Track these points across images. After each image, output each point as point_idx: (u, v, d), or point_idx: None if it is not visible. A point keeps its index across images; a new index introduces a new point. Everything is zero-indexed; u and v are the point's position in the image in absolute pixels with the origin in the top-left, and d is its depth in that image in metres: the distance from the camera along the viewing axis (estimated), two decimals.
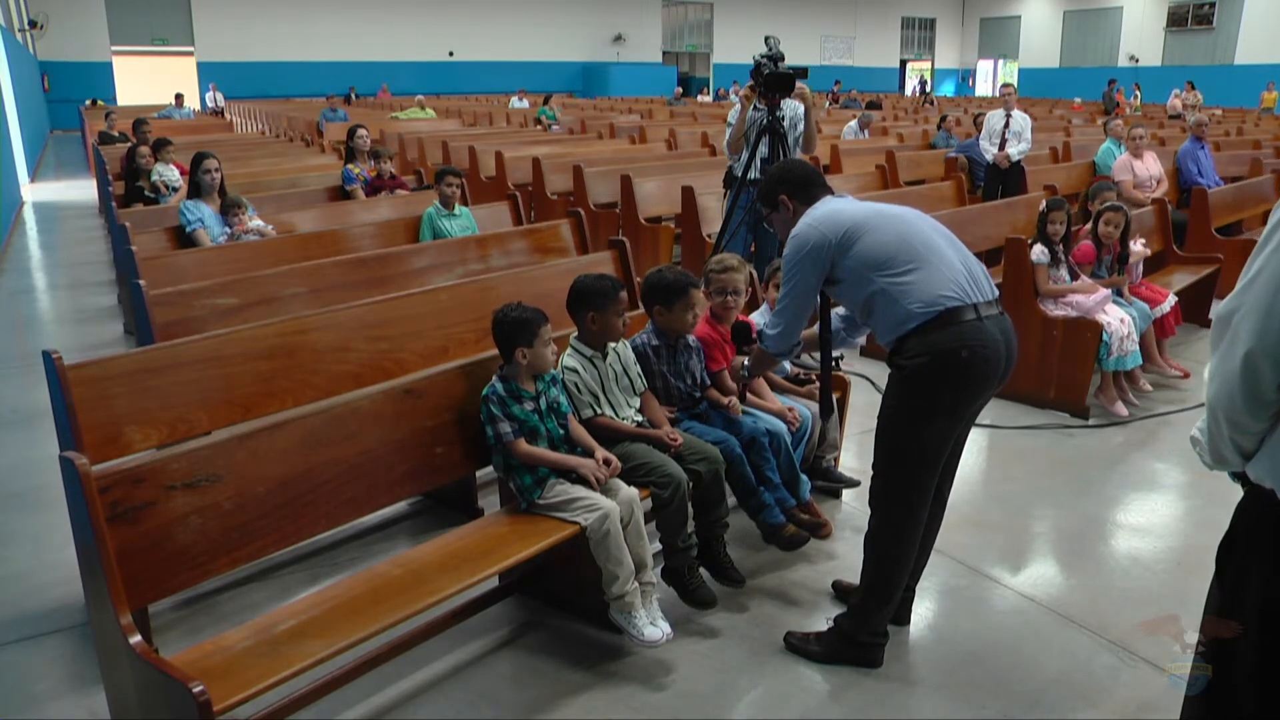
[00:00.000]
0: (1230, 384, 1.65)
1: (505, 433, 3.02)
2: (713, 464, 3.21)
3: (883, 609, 2.91)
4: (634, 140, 12.98)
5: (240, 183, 7.13)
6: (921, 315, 2.64)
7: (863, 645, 2.94)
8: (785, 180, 3.03)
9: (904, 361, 2.69)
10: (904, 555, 2.85)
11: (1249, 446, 1.71)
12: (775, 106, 5.48)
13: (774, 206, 3.04)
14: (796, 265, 2.82)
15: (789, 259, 2.84)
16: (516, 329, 3.01)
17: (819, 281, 2.83)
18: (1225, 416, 1.69)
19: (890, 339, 2.73)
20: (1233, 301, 1.66)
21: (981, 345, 2.64)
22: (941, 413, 2.70)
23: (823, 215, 2.83)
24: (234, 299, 4.26)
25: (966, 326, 2.63)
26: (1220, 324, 1.69)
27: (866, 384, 5.48)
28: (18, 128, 14.24)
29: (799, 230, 2.84)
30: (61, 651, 3.06)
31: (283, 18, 29.72)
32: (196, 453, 2.58)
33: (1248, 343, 1.61)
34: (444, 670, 2.95)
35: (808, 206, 2.93)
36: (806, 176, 3.02)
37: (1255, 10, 30.26)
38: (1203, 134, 9.00)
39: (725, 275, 3.63)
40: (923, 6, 41.20)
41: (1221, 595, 1.80)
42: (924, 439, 2.72)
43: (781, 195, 3.00)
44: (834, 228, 2.77)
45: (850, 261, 2.75)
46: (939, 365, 2.64)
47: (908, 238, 2.74)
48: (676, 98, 27.03)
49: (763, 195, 3.09)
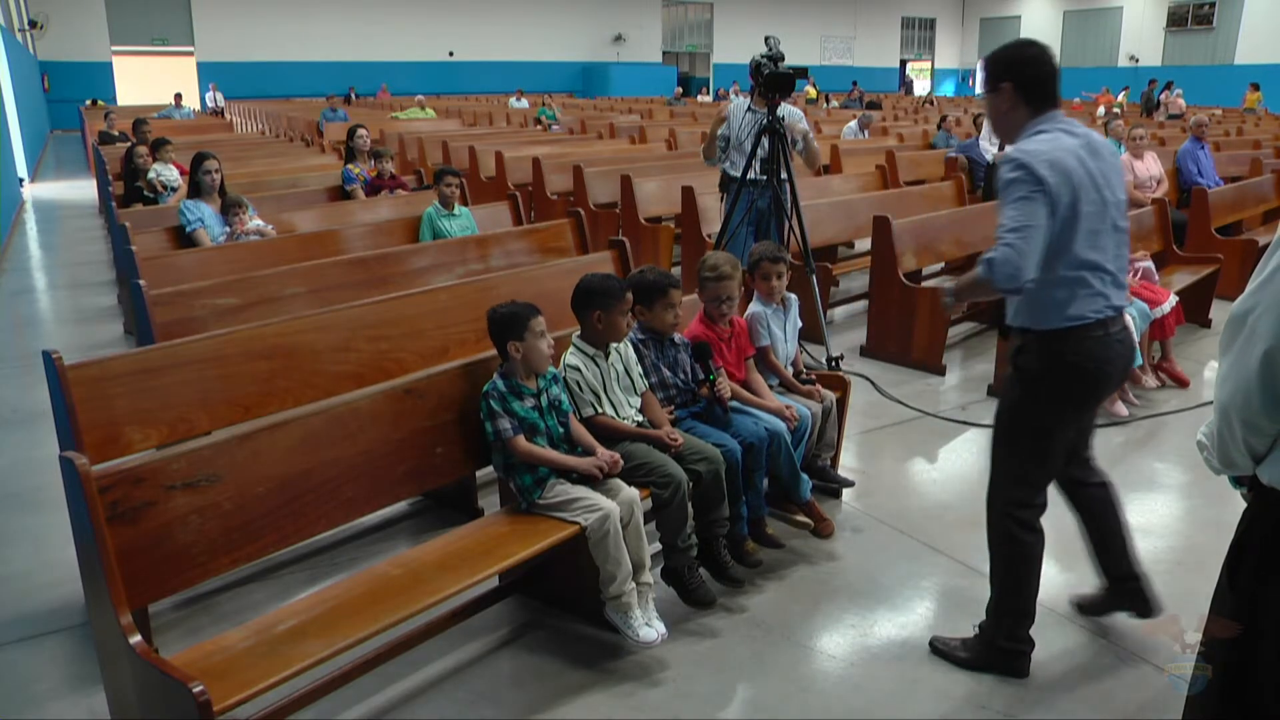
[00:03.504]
0: (1247, 384, 1.63)
1: (504, 429, 3.02)
2: (713, 464, 3.21)
3: (1021, 617, 2.85)
4: (634, 140, 12.99)
5: (240, 183, 7.14)
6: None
7: (1004, 651, 2.88)
8: (1019, 67, 2.65)
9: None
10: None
11: (1261, 449, 1.68)
12: (775, 106, 5.48)
13: (993, 87, 2.68)
14: (1028, 191, 2.48)
15: (1017, 179, 2.50)
16: (507, 324, 3.03)
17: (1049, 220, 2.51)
18: (1240, 418, 1.66)
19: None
20: (1248, 301, 1.64)
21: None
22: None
23: (1052, 149, 2.53)
24: (234, 299, 4.26)
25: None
26: (1234, 324, 1.66)
27: (866, 384, 5.48)
28: (18, 128, 14.23)
29: (1046, 152, 2.51)
30: (61, 651, 3.05)
31: (283, 18, 29.72)
32: (196, 453, 2.58)
33: (1267, 340, 1.59)
34: (444, 670, 2.95)
35: (1035, 115, 2.62)
36: (1043, 76, 2.64)
37: (1255, 10, 30.26)
38: (1202, 134, 8.99)
39: (720, 284, 3.61)
40: (923, 6, 41.19)
41: (1235, 599, 1.78)
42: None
43: (1007, 83, 2.64)
44: (1058, 175, 2.49)
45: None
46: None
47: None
48: (676, 98, 27.02)
49: (987, 67, 2.70)
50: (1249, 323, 1.62)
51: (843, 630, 3.18)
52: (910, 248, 6.03)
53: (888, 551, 3.68)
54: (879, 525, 3.88)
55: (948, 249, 6.52)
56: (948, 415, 5.11)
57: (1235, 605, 1.78)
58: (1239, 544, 1.80)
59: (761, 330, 3.85)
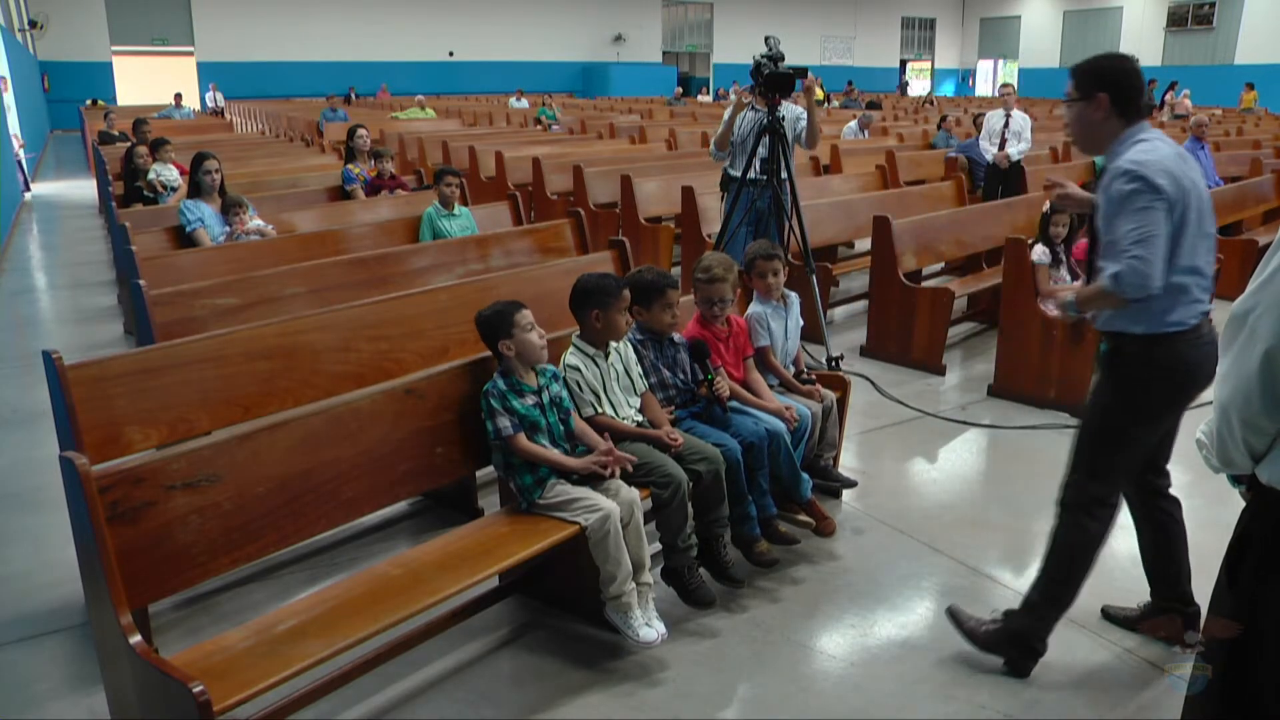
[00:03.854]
0: (1247, 383, 1.63)
1: (504, 427, 3.02)
2: (713, 464, 3.20)
3: (1055, 610, 2.86)
4: (634, 140, 12.98)
5: (240, 183, 7.14)
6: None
7: (1023, 646, 2.87)
8: (1117, 78, 2.63)
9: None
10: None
11: (1261, 448, 1.69)
12: (775, 106, 5.48)
13: (1086, 96, 2.64)
14: (1148, 201, 2.49)
15: (1134, 190, 2.50)
16: (494, 324, 3.05)
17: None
18: (1240, 417, 1.66)
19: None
20: (1248, 300, 1.64)
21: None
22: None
23: (1163, 158, 2.54)
24: (234, 299, 4.26)
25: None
26: (1234, 324, 1.66)
27: (866, 384, 5.48)
28: (18, 128, 14.24)
29: (1157, 162, 2.52)
30: (61, 651, 3.06)
31: (283, 18, 29.72)
32: (196, 453, 2.58)
33: (1267, 340, 1.59)
34: (444, 670, 2.95)
35: (1128, 126, 2.62)
36: (1138, 89, 2.64)
37: (1255, 10, 30.25)
38: (1202, 134, 9.00)
39: (712, 286, 3.60)
40: (923, 6, 41.19)
41: (1234, 599, 1.79)
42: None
43: (1102, 94, 2.62)
44: (1174, 184, 2.51)
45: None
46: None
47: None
48: (676, 98, 27.02)
49: (1079, 77, 2.67)
50: (1249, 322, 1.63)
51: (843, 630, 3.18)
52: (910, 248, 6.03)
53: (888, 551, 3.68)
54: (879, 525, 3.88)
55: (948, 249, 6.52)
56: (948, 415, 5.11)
57: (1234, 605, 1.79)
58: (1238, 543, 1.80)
59: (760, 331, 3.85)
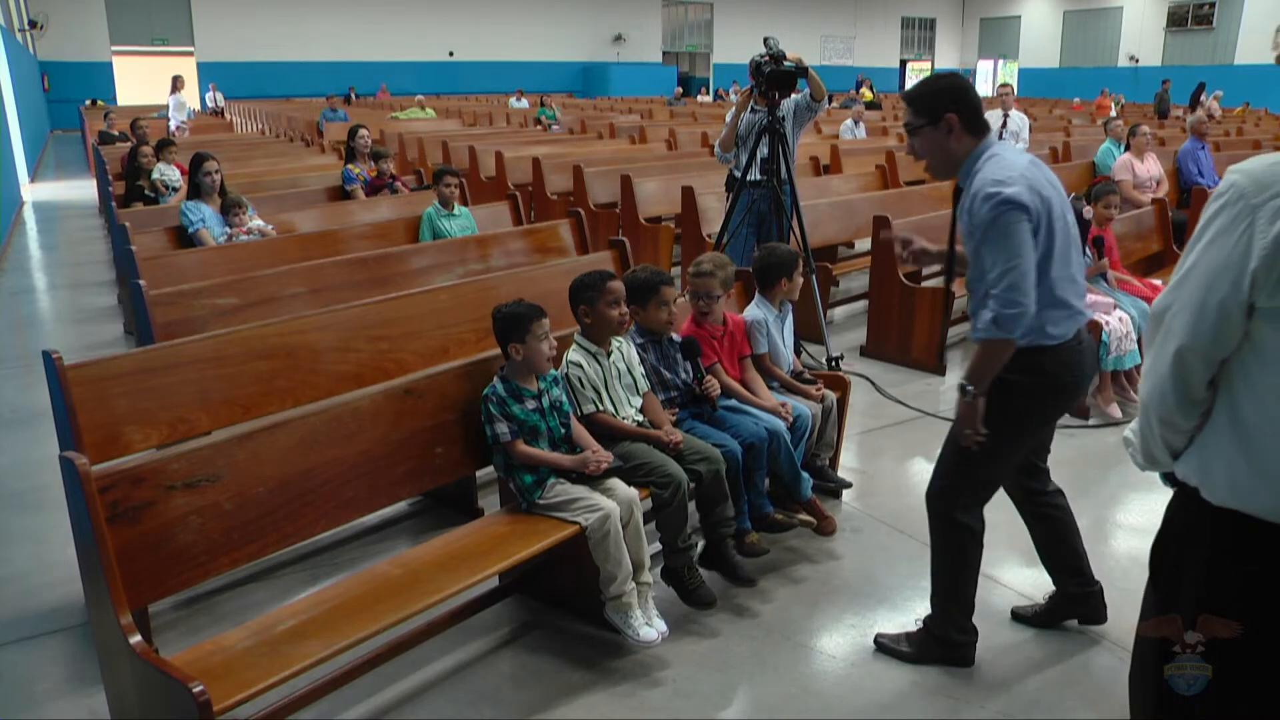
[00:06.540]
0: (1163, 381, 1.64)
1: (502, 433, 3.03)
2: (713, 464, 3.21)
3: (959, 603, 2.90)
4: (634, 140, 12.98)
5: (240, 183, 7.14)
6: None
7: (953, 644, 2.92)
8: (958, 96, 2.57)
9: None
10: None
11: (1179, 445, 1.69)
12: (775, 107, 5.47)
13: (931, 121, 2.56)
14: (1013, 223, 2.41)
15: (1000, 215, 2.41)
16: (510, 324, 3.04)
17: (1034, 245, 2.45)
18: (1157, 415, 1.67)
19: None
20: (1166, 298, 1.64)
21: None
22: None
23: (1021, 172, 2.47)
24: (234, 299, 4.26)
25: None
26: (1154, 321, 1.67)
27: (866, 384, 5.48)
28: (18, 128, 14.24)
29: (1015, 178, 2.44)
30: (61, 651, 3.06)
31: (282, 18, 29.71)
32: (196, 453, 2.58)
33: (1180, 339, 1.59)
34: (444, 670, 2.95)
35: (977, 140, 2.57)
36: (978, 104, 2.59)
37: (1255, 10, 30.24)
38: (1203, 134, 9.00)
39: (699, 280, 3.66)
40: (923, 6, 41.19)
41: (1158, 598, 1.79)
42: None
43: (950, 114, 2.54)
44: (1036, 197, 2.46)
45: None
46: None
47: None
48: (676, 98, 27.01)
49: (920, 102, 2.59)
50: (1165, 320, 1.63)
51: (843, 630, 3.18)
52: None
53: (888, 551, 3.68)
54: (879, 525, 3.88)
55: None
56: (948, 415, 5.10)
57: (1159, 603, 1.79)
58: (1160, 542, 1.80)
59: (761, 338, 3.85)
